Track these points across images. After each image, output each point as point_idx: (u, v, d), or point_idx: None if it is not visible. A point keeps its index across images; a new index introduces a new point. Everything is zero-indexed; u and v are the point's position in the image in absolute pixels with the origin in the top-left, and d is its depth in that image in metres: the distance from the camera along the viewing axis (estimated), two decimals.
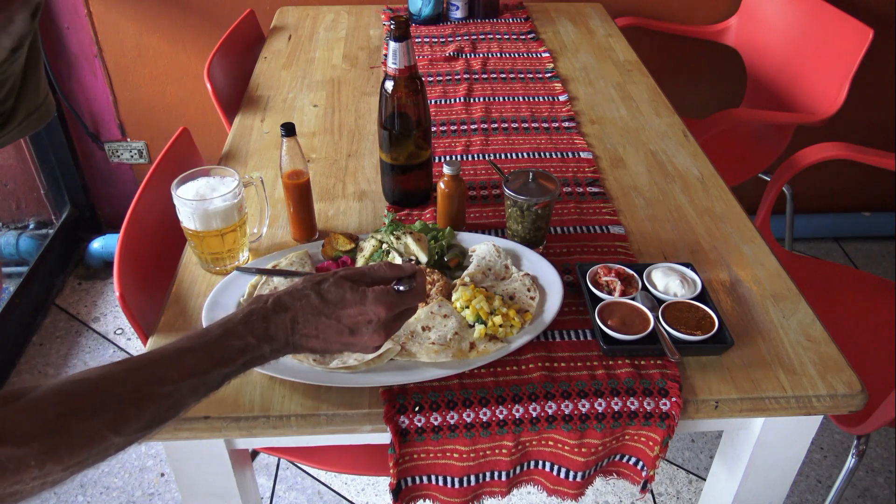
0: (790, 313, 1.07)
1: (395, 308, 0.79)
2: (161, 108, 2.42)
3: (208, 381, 0.73)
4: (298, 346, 0.78)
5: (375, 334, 0.79)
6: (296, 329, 0.77)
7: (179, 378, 0.70)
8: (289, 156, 1.16)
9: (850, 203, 2.73)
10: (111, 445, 0.66)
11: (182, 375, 0.71)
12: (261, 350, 0.75)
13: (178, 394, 0.70)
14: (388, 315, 0.78)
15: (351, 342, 0.79)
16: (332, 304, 0.78)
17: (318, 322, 0.77)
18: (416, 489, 1.00)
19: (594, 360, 0.98)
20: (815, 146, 1.69)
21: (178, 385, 0.70)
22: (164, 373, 0.70)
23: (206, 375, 0.72)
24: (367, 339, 0.79)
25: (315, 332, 0.77)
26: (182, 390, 0.71)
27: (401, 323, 0.83)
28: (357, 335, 0.79)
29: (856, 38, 1.86)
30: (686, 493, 1.87)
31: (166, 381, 0.70)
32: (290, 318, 0.77)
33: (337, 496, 1.85)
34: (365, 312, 0.78)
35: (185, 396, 0.71)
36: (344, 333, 0.78)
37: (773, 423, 1.00)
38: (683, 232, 1.25)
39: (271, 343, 0.76)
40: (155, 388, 0.69)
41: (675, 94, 1.78)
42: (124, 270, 1.12)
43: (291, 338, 0.77)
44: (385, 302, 0.78)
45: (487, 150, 1.49)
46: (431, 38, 2.01)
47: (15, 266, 2.43)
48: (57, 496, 1.83)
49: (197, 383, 0.72)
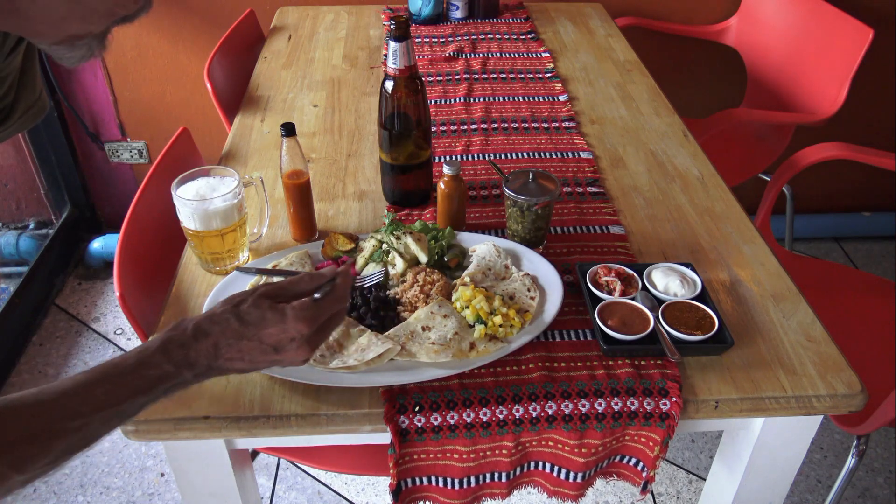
0: (790, 313, 1.07)
1: (317, 321, 0.78)
2: (161, 108, 2.42)
3: (122, 412, 0.71)
4: (224, 369, 0.77)
5: (300, 350, 0.78)
6: (219, 354, 0.75)
7: (90, 411, 0.69)
8: (289, 156, 1.16)
9: (850, 203, 2.72)
10: (14, 483, 0.65)
11: (93, 409, 0.69)
12: (181, 376, 0.74)
13: (88, 427, 0.69)
14: (311, 329, 0.77)
15: (277, 359, 0.78)
16: (252, 326, 0.76)
17: (240, 345, 0.76)
18: (416, 490, 1.00)
19: (594, 360, 0.98)
20: (815, 146, 1.69)
21: (88, 418, 0.69)
22: (73, 407, 0.68)
23: (120, 406, 0.71)
24: (292, 354, 0.78)
25: (239, 354, 0.76)
26: (93, 423, 0.69)
27: (327, 333, 0.81)
28: (282, 352, 0.77)
29: (856, 38, 1.85)
30: (686, 493, 1.87)
31: (76, 416, 0.68)
32: (212, 345, 0.75)
33: (337, 496, 1.85)
34: (286, 330, 0.76)
35: (96, 429, 0.70)
36: (268, 353, 0.77)
37: (773, 423, 1.00)
38: (683, 232, 1.25)
39: (192, 369, 0.75)
40: (64, 423, 0.68)
41: (675, 94, 1.78)
42: (124, 270, 1.12)
43: (214, 362, 0.76)
44: (305, 318, 0.76)
45: (487, 150, 1.48)
46: (431, 38, 2.01)
47: (15, 266, 2.43)
48: (57, 496, 1.83)
49: (109, 415, 0.70)
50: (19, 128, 0.86)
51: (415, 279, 1.06)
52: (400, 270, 1.09)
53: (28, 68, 0.83)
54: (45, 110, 0.90)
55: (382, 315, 1.02)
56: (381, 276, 1.09)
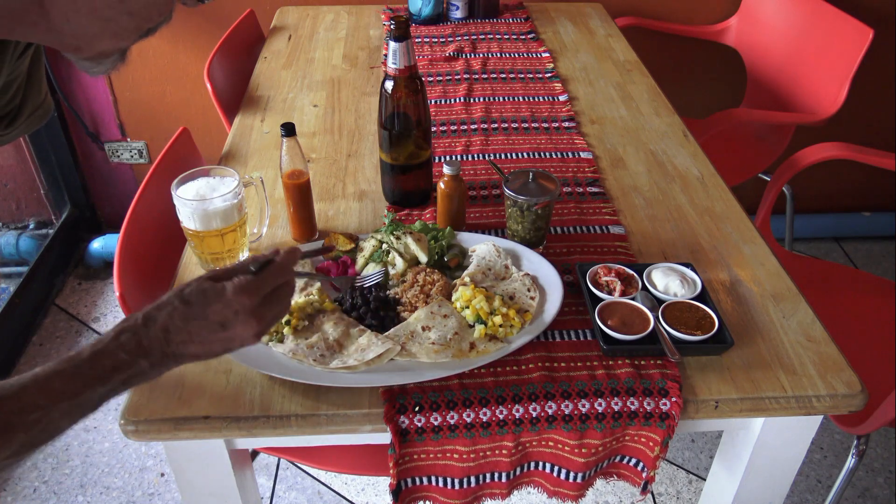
0: (790, 313, 1.07)
1: (258, 291, 0.79)
2: (161, 108, 2.42)
3: (82, 403, 0.73)
4: (179, 356, 0.78)
5: (247, 324, 0.79)
6: (169, 339, 0.77)
7: (48, 403, 0.70)
8: (289, 156, 1.16)
9: (850, 203, 2.73)
10: None
11: (51, 400, 0.71)
12: (137, 366, 0.75)
13: (47, 419, 0.71)
14: (253, 301, 0.78)
15: (227, 337, 0.79)
16: (196, 306, 0.78)
17: (188, 327, 0.77)
18: (416, 490, 1.00)
19: (594, 360, 0.98)
20: (815, 146, 1.69)
21: (46, 411, 0.70)
22: (31, 400, 0.70)
23: (79, 397, 0.72)
24: (240, 330, 0.79)
25: (189, 337, 0.77)
26: (52, 415, 0.71)
27: (276, 307, 0.82)
28: (229, 329, 0.78)
29: (856, 38, 1.85)
30: (686, 493, 1.87)
31: (35, 408, 0.70)
32: (161, 329, 0.76)
33: (337, 496, 1.85)
34: (229, 304, 0.78)
35: (56, 420, 0.71)
36: (216, 330, 0.78)
37: (773, 423, 1.00)
38: (683, 232, 1.25)
39: (147, 357, 0.76)
40: (23, 417, 0.69)
41: (675, 94, 1.78)
42: (124, 270, 1.12)
43: (167, 348, 0.77)
44: (244, 288, 0.78)
45: (487, 150, 1.48)
46: (431, 38, 2.01)
47: (15, 266, 2.43)
48: (57, 496, 1.83)
49: (68, 407, 0.72)
50: (25, 129, 0.87)
51: (415, 279, 1.06)
52: (400, 270, 1.09)
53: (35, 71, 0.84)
54: (51, 112, 0.91)
55: (382, 315, 1.02)
56: (381, 276, 1.09)
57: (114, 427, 2.01)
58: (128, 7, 0.65)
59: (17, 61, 0.79)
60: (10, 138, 0.86)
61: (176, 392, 0.93)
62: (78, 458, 1.93)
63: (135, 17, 0.66)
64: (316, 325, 1.01)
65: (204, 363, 0.97)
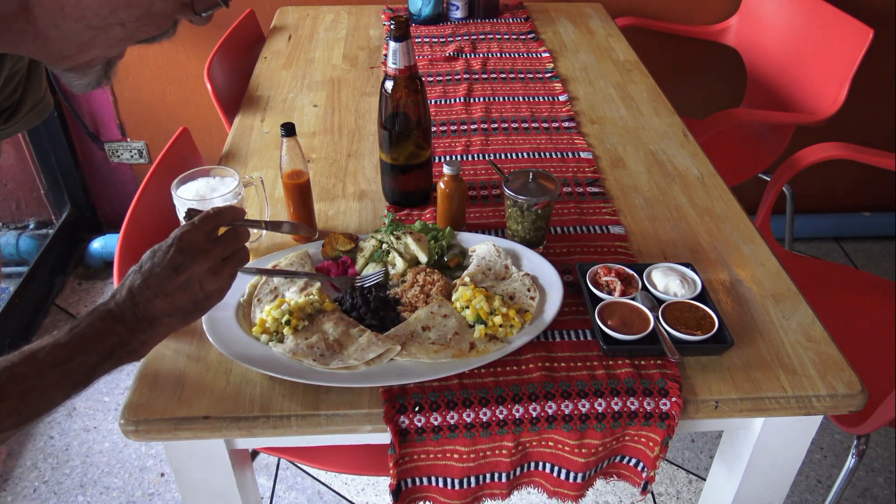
0: (790, 313, 1.07)
1: (201, 227, 0.83)
2: (161, 108, 2.42)
3: (70, 372, 0.75)
4: (151, 318, 0.80)
5: (197, 261, 0.81)
6: (135, 299, 0.80)
7: (37, 373, 0.73)
8: (289, 156, 1.16)
9: (850, 203, 2.73)
10: None
11: (39, 371, 0.73)
12: (115, 333, 0.78)
13: (41, 387, 0.73)
14: (197, 238, 0.82)
15: (184, 282, 0.81)
16: (150, 261, 0.82)
17: (148, 281, 0.80)
18: (417, 490, 1.00)
19: (594, 360, 0.98)
20: (815, 146, 1.69)
21: (38, 380, 0.73)
22: (21, 371, 0.73)
23: (65, 366, 0.75)
24: (195, 269, 0.81)
25: (151, 292, 0.80)
26: (44, 384, 0.73)
27: (226, 245, 0.84)
28: (182, 271, 0.80)
29: (856, 38, 1.86)
30: (686, 493, 1.87)
31: (25, 377, 0.72)
32: (127, 293, 0.80)
33: (337, 496, 1.85)
34: (175, 246, 0.81)
35: (49, 390, 0.74)
36: (171, 276, 0.80)
37: (773, 423, 1.00)
38: (683, 232, 1.25)
39: (123, 322, 0.79)
40: (14, 387, 0.72)
41: (675, 94, 1.78)
42: (124, 270, 1.12)
43: (136, 310, 0.80)
44: (185, 231, 0.82)
45: (487, 150, 1.48)
46: (431, 38, 2.01)
47: (15, 266, 2.43)
48: (57, 496, 1.83)
49: (58, 375, 0.74)
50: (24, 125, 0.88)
51: (415, 279, 1.06)
52: (400, 270, 1.09)
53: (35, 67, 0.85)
54: (50, 108, 0.91)
55: (382, 315, 1.02)
56: (381, 276, 1.09)
57: (114, 427, 2.01)
58: (119, 18, 0.64)
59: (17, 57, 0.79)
60: (9, 133, 0.86)
61: (176, 392, 0.93)
62: (78, 458, 1.93)
63: (126, 28, 0.66)
64: (316, 325, 1.01)
65: (203, 364, 0.97)
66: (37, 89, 0.87)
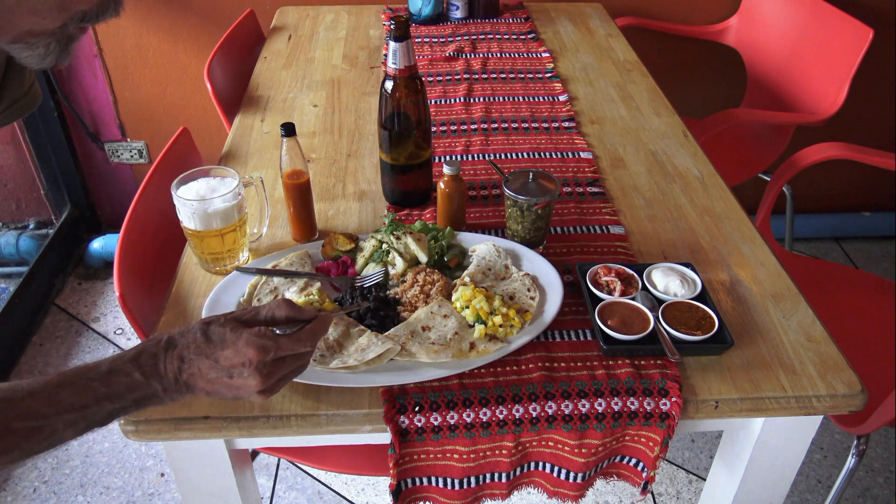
0: (790, 313, 1.07)
1: (268, 352, 0.75)
2: (161, 108, 2.42)
3: (89, 416, 0.72)
4: (191, 387, 0.76)
5: (252, 378, 0.75)
6: (182, 368, 0.75)
7: (53, 413, 0.70)
8: (289, 156, 1.16)
9: (850, 203, 2.72)
10: None
11: (57, 410, 0.70)
12: (151, 387, 0.74)
13: (50, 428, 0.70)
14: (262, 358, 0.75)
15: (233, 385, 0.76)
16: (213, 344, 0.75)
17: (200, 363, 0.75)
18: (416, 490, 1.00)
19: (594, 360, 0.98)
20: (815, 146, 1.69)
21: (51, 420, 0.70)
22: (37, 408, 0.69)
23: (86, 410, 0.71)
24: (243, 382, 0.75)
25: (199, 372, 0.75)
26: (55, 425, 0.70)
27: (285, 370, 0.78)
28: (235, 378, 0.75)
29: (856, 38, 1.85)
30: (686, 493, 1.87)
31: (38, 416, 0.69)
32: (178, 357, 0.75)
33: (337, 496, 1.85)
34: (240, 354, 0.74)
35: (59, 431, 0.71)
36: (223, 376, 0.75)
37: (773, 423, 1.00)
38: (683, 232, 1.25)
39: (161, 381, 0.74)
40: (26, 423, 0.68)
41: (675, 94, 1.78)
42: (124, 270, 1.12)
43: (180, 377, 0.75)
44: (256, 344, 0.74)
45: (487, 150, 1.48)
46: (431, 38, 2.01)
47: (15, 266, 2.43)
48: (57, 496, 1.83)
49: (74, 418, 0.71)
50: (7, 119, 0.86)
51: (415, 279, 1.06)
52: (400, 270, 1.09)
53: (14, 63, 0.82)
54: (37, 103, 0.89)
55: (382, 315, 1.02)
56: (381, 276, 1.09)
57: (114, 427, 2.00)
58: None
59: None
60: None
61: None
62: (78, 458, 1.93)
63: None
64: None
65: None
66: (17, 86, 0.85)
